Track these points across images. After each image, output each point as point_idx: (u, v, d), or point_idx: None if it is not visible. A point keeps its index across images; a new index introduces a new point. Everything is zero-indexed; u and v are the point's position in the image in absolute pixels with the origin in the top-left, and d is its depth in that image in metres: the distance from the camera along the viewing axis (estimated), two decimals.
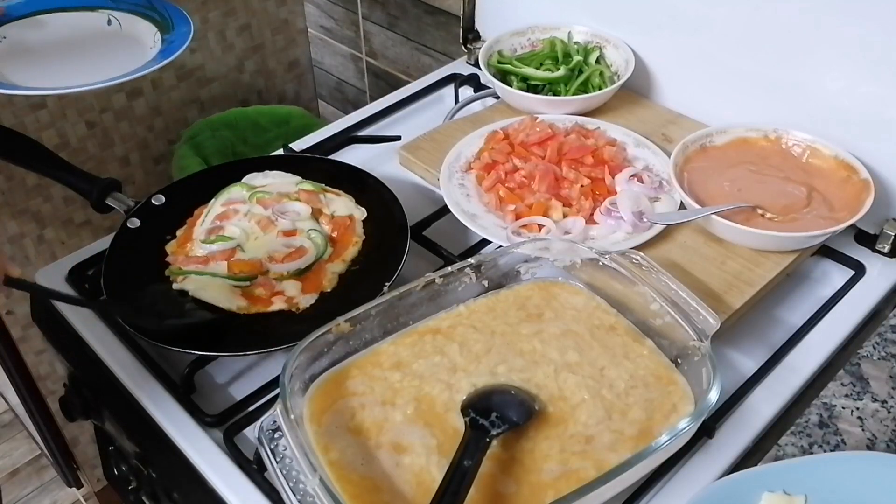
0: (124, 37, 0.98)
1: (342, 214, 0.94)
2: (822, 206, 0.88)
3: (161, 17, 0.99)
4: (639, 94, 1.13)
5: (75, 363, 0.92)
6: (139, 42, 0.96)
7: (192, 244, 0.90)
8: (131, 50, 0.93)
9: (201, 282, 0.86)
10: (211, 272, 0.86)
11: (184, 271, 0.87)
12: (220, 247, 0.88)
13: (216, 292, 0.85)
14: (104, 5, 1.00)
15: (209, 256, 0.88)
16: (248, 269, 0.86)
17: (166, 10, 1.00)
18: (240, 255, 0.88)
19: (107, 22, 1.00)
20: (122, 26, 0.99)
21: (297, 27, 1.81)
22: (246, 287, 0.85)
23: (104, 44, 0.97)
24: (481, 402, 0.70)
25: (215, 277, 0.85)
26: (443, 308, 0.80)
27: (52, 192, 1.55)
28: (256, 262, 0.87)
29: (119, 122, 1.60)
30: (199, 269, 0.87)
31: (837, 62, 0.91)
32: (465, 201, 0.95)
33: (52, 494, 1.86)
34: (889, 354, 0.78)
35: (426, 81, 1.26)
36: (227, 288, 0.85)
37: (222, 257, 0.87)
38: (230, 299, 0.84)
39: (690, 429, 0.66)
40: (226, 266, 0.87)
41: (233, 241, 0.89)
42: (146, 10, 1.00)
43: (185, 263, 0.88)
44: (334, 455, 0.67)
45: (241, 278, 0.86)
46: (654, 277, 0.77)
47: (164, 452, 0.79)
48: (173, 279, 0.88)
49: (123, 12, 1.00)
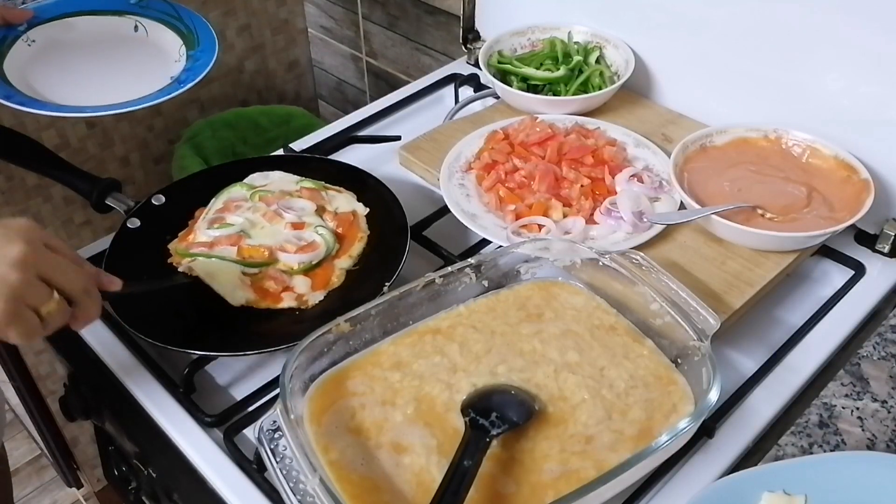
0: (150, 45, 0.99)
1: (345, 210, 0.94)
2: (822, 206, 0.88)
3: (187, 28, 1.00)
4: (639, 94, 1.13)
5: (75, 363, 0.92)
6: (164, 52, 0.97)
7: (195, 234, 0.90)
8: (157, 61, 0.94)
9: (210, 266, 0.85)
10: (219, 255, 0.86)
11: (190, 253, 0.86)
12: (223, 232, 0.88)
13: (225, 280, 0.84)
14: (132, 10, 1.01)
15: (214, 241, 0.87)
16: (258, 254, 0.86)
17: (192, 22, 1.00)
18: (247, 241, 0.88)
19: (133, 28, 1.01)
20: (148, 33, 1.00)
21: (297, 27, 1.81)
22: (256, 276, 0.85)
23: (130, 51, 0.98)
24: (481, 402, 0.70)
25: (223, 261, 0.85)
26: (443, 308, 0.80)
27: (52, 192, 1.55)
28: (266, 248, 0.87)
29: (119, 122, 1.60)
30: (205, 252, 0.86)
31: (837, 62, 0.91)
32: (465, 201, 0.95)
33: (52, 494, 1.86)
34: (889, 354, 0.78)
35: (426, 81, 1.26)
36: (237, 276, 0.85)
37: (228, 242, 0.87)
38: (239, 291, 0.84)
39: (690, 429, 0.66)
40: (234, 251, 0.86)
41: (234, 227, 0.88)
42: (173, 20, 1.00)
43: (191, 247, 0.88)
44: (334, 455, 0.67)
45: (251, 264, 0.85)
46: (654, 277, 0.77)
47: (164, 452, 0.79)
48: (176, 263, 0.87)
49: (150, 19, 1.01)
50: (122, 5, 1.01)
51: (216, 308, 0.85)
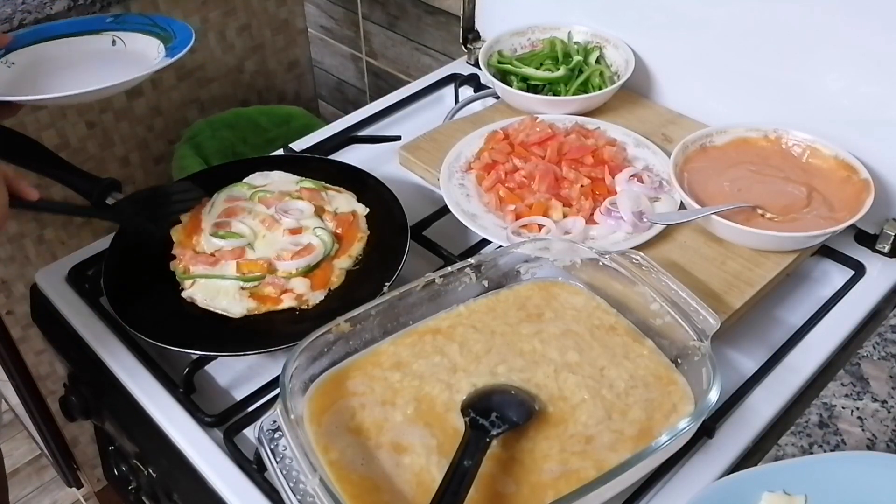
0: (130, 53, 1.00)
1: (345, 211, 0.94)
2: (822, 206, 0.88)
3: (163, 30, 1.00)
4: (639, 94, 1.13)
5: (75, 363, 0.92)
6: (145, 56, 0.98)
7: (200, 237, 0.90)
8: (137, 64, 0.95)
9: (211, 289, 0.85)
10: (219, 274, 0.86)
11: (192, 275, 0.87)
12: (230, 244, 0.88)
13: (226, 301, 0.84)
14: (108, 28, 1.02)
15: (218, 256, 0.87)
16: (258, 268, 0.86)
17: (169, 25, 1.01)
18: (249, 255, 0.88)
19: (111, 43, 1.02)
20: (126, 45, 1.01)
21: (297, 27, 1.81)
22: (254, 287, 0.85)
23: (111, 61, 0.99)
24: (481, 402, 0.70)
25: (224, 280, 0.85)
26: (443, 308, 0.80)
27: (52, 192, 1.54)
28: (265, 262, 0.87)
29: (119, 122, 1.60)
30: (207, 273, 0.86)
31: (837, 62, 0.91)
32: (465, 201, 0.95)
33: (52, 494, 1.86)
34: (889, 354, 0.78)
35: (426, 81, 1.26)
36: (236, 293, 0.85)
37: (231, 256, 0.87)
38: (240, 304, 0.84)
39: (690, 429, 0.66)
40: (234, 266, 0.86)
41: (244, 239, 0.89)
42: (150, 27, 1.01)
43: (193, 262, 0.88)
44: (334, 455, 0.67)
45: (250, 278, 0.85)
46: (654, 277, 0.77)
47: (164, 452, 0.79)
48: (181, 283, 0.87)
49: (127, 31, 1.02)
50: (99, 25, 1.03)
51: None
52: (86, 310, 0.90)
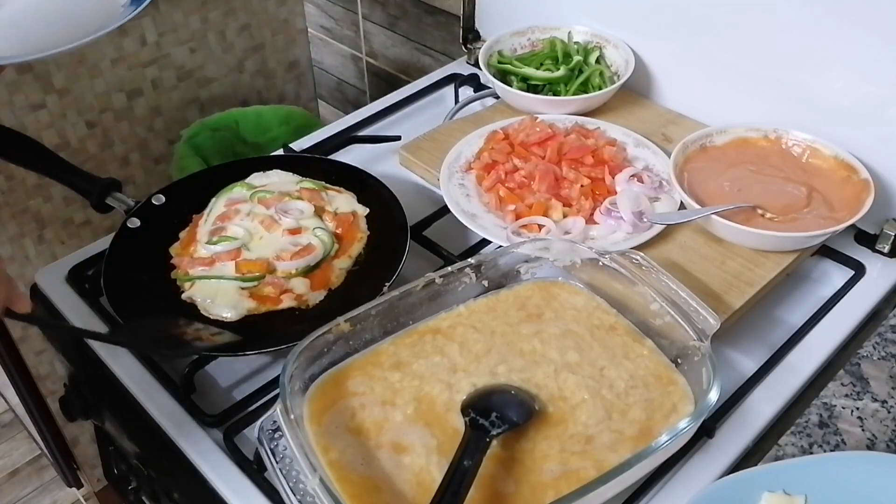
0: None
1: (345, 211, 0.94)
2: (822, 206, 0.88)
3: None
4: (639, 94, 1.13)
5: (75, 363, 0.92)
6: None
7: (196, 245, 0.90)
8: (104, 7, 0.92)
9: (210, 290, 0.85)
10: (218, 275, 0.86)
11: (190, 277, 0.87)
12: (223, 247, 0.88)
13: (226, 302, 0.84)
14: None
15: (214, 257, 0.87)
16: (257, 268, 0.86)
17: None
18: (246, 255, 0.87)
19: None
20: None
21: (297, 27, 1.81)
22: (254, 287, 0.85)
23: (74, 4, 0.96)
24: (481, 402, 0.70)
25: (222, 280, 0.85)
26: (443, 308, 0.80)
27: (52, 192, 1.55)
28: (264, 262, 0.86)
29: (119, 123, 1.60)
30: (205, 273, 0.86)
31: (837, 62, 0.91)
32: (465, 201, 0.95)
33: (52, 494, 1.86)
34: (889, 354, 0.78)
35: (426, 81, 1.26)
36: (235, 294, 0.84)
37: (228, 257, 0.87)
38: (239, 306, 0.84)
39: (690, 429, 0.66)
40: (233, 266, 0.86)
41: (236, 241, 0.88)
42: None
43: (191, 265, 0.87)
44: (334, 455, 0.67)
45: (249, 278, 0.85)
46: (654, 277, 0.77)
47: (164, 452, 0.79)
48: (181, 286, 0.87)
49: None
50: None
51: None
52: (86, 310, 0.90)
